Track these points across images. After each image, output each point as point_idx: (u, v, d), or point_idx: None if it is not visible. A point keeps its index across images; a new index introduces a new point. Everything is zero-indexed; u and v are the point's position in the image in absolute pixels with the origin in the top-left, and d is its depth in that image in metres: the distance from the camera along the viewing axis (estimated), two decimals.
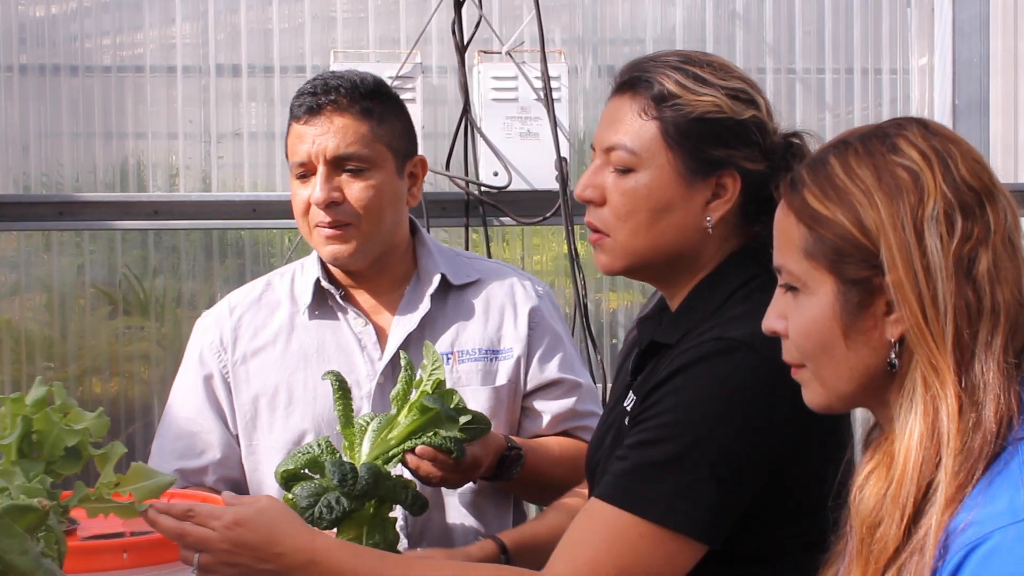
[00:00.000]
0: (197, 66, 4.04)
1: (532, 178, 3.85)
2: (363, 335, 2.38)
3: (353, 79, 2.33)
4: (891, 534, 1.35)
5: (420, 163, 2.43)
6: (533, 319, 2.42)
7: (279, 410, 2.37)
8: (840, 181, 1.42)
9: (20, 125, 3.97)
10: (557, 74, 3.84)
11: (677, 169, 1.78)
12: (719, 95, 1.78)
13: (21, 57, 3.97)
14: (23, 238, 4.03)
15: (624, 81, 1.83)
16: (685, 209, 1.79)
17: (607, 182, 1.81)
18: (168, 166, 4.08)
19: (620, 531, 1.67)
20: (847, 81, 4.29)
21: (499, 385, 2.38)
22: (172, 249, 4.09)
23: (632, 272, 1.86)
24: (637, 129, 1.78)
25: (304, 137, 2.29)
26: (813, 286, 1.43)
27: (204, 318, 2.49)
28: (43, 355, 4.05)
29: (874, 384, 1.43)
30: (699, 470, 1.66)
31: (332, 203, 2.28)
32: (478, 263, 2.52)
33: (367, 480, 1.97)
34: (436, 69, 4.03)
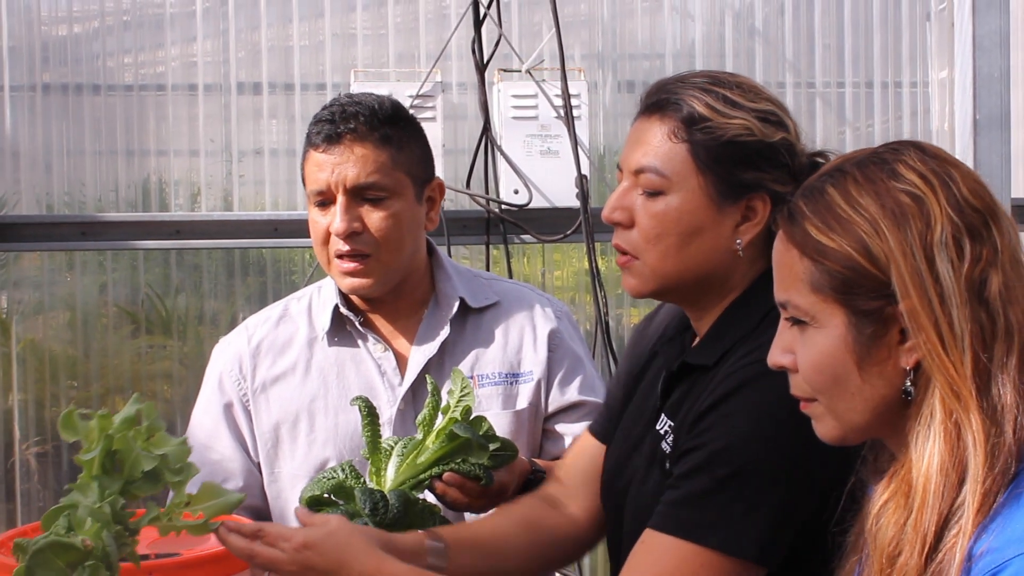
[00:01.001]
0: (218, 84, 4.04)
1: (552, 195, 3.84)
2: (383, 361, 2.36)
3: (371, 105, 2.28)
4: (912, 564, 1.33)
5: (438, 187, 2.39)
6: (552, 341, 2.39)
7: (300, 437, 2.34)
8: (842, 211, 1.39)
9: (43, 144, 3.98)
10: (577, 91, 3.82)
11: (707, 192, 1.76)
12: (749, 118, 1.75)
13: (44, 76, 3.98)
14: (47, 258, 4.04)
15: (652, 103, 1.81)
16: (715, 232, 1.77)
17: (635, 204, 1.79)
18: (190, 184, 4.08)
19: (682, 561, 1.65)
20: (867, 95, 4.26)
21: (520, 409, 2.35)
22: (194, 268, 4.09)
23: (660, 295, 1.85)
24: (667, 152, 1.76)
25: (323, 165, 2.25)
26: (823, 319, 1.40)
27: (222, 344, 2.46)
28: (67, 374, 4.06)
29: (888, 414, 1.40)
30: (755, 493, 1.65)
31: (353, 233, 2.25)
32: (496, 284, 2.49)
33: (397, 508, 1.95)
34: (456, 87, 4.02)
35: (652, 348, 2.00)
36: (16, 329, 4.02)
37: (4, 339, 4.01)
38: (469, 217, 3.93)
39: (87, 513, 1.52)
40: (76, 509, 1.54)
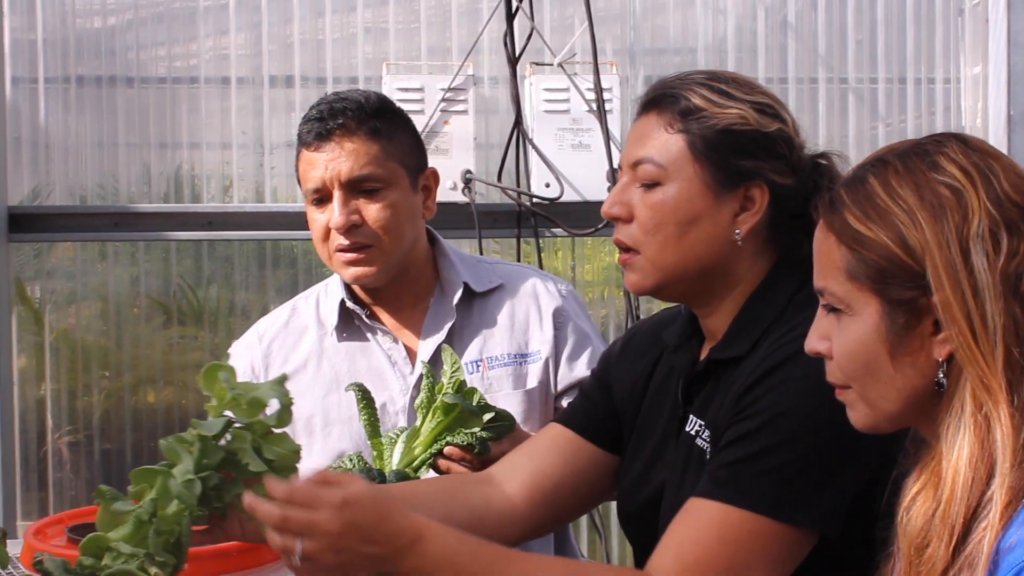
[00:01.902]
0: (251, 77, 4.03)
1: (583, 189, 3.82)
2: (392, 352, 2.37)
3: (358, 99, 2.31)
4: (939, 555, 1.32)
5: (432, 175, 2.41)
6: (558, 319, 2.41)
7: (316, 433, 2.36)
8: (881, 201, 1.39)
9: (76, 136, 3.98)
10: (609, 85, 3.80)
11: (704, 181, 1.75)
12: (745, 108, 1.76)
13: (77, 68, 3.98)
14: (79, 248, 4.04)
15: (650, 99, 1.81)
16: (713, 221, 1.76)
17: (633, 198, 1.78)
18: (222, 176, 4.07)
19: (729, 527, 1.63)
20: (900, 91, 4.21)
21: (530, 388, 2.37)
22: (225, 259, 4.09)
23: (663, 289, 1.82)
24: (663, 143, 1.76)
25: (316, 163, 2.28)
26: (857, 307, 1.40)
27: (234, 348, 2.48)
28: (99, 364, 4.06)
29: (921, 404, 1.40)
30: (804, 460, 1.63)
31: (352, 226, 2.27)
32: (499, 267, 2.51)
33: (394, 479, 1.98)
34: (488, 80, 4.00)
35: (651, 361, 1.97)
36: (49, 319, 4.03)
37: (37, 329, 4.02)
38: (500, 211, 3.91)
39: (176, 490, 1.49)
40: (170, 477, 1.51)
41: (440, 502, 1.92)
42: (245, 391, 1.61)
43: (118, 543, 1.47)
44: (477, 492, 1.97)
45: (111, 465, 4.01)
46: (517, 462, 2.00)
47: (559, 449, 1.99)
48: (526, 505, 1.97)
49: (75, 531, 1.84)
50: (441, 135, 3.75)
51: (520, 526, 1.97)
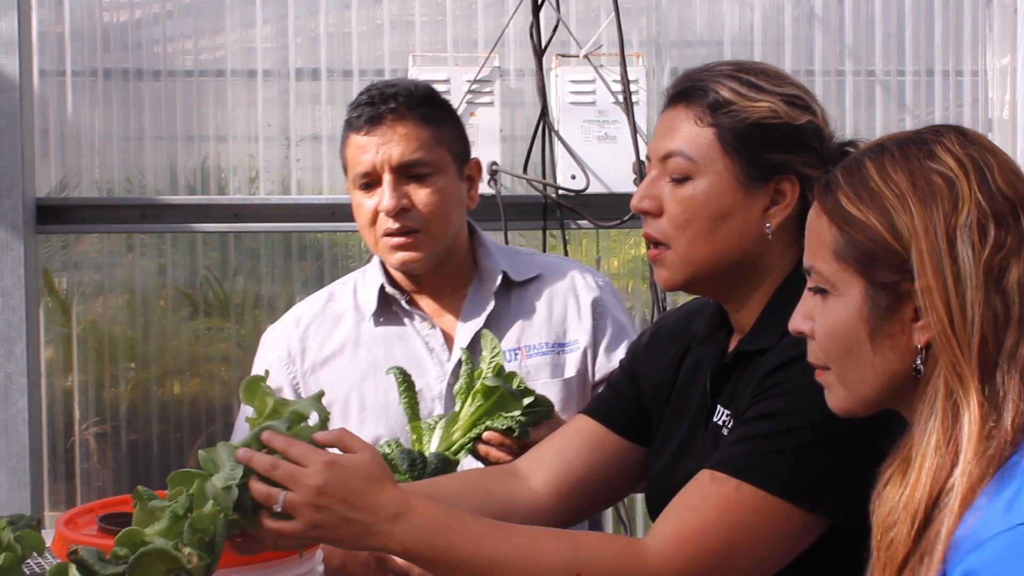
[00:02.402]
0: (277, 70, 4.02)
1: (609, 181, 3.80)
2: (430, 338, 2.36)
3: (408, 87, 2.32)
4: (901, 539, 1.33)
5: (475, 166, 2.43)
6: (596, 310, 2.40)
7: (352, 417, 2.35)
8: (875, 184, 1.39)
9: (103, 129, 3.98)
10: (635, 77, 3.78)
11: (735, 175, 1.74)
12: (775, 101, 1.74)
13: (104, 61, 3.98)
14: (106, 240, 4.04)
15: (678, 92, 1.80)
16: (744, 216, 1.75)
17: (663, 192, 1.77)
18: (248, 169, 4.07)
19: (734, 502, 1.62)
20: (927, 83, 4.18)
21: (568, 377, 2.36)
22: (251, 251, 4.08)
23: (694, 285, 1.81)
24: (694, 136, 1.75)
25: (367, 147, 2.28)
26: (842, 288, 1.41)
27: (269, 333, 2.48)
28: (125, 355, 4.06)
29: (899, 388, 1.40)
30: (822, 445, 1.62)
31: (402, 210, 2.27)
32: (537, 258, 2.51)
33: (435, 465, 1.98)
34: (514, 72, 3.98)
35: (679, 352, 1.96)
36: (76, 310, 4.03)
37: (65, 320, 4.02)
38: (526, 203, 3.89)
39: (212, 493, 1.50)
40: (207, 480, 1.52)
41: (465, 498, 1.91)
42: (287, 404, 1.62)
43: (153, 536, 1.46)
44: (502, 486, 1.96)
45: (138, 456, 4.01)
46: (543, 455, 1.99)
47: (585, 441, 1.98)
48: (552, 498, 1.95)
49: (106, 520, 1.83)
50: (467, 127, 3.70)
51: (546, 519, 1.95)
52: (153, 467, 3.97)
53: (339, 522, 1.55)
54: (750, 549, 1.63)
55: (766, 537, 1.62)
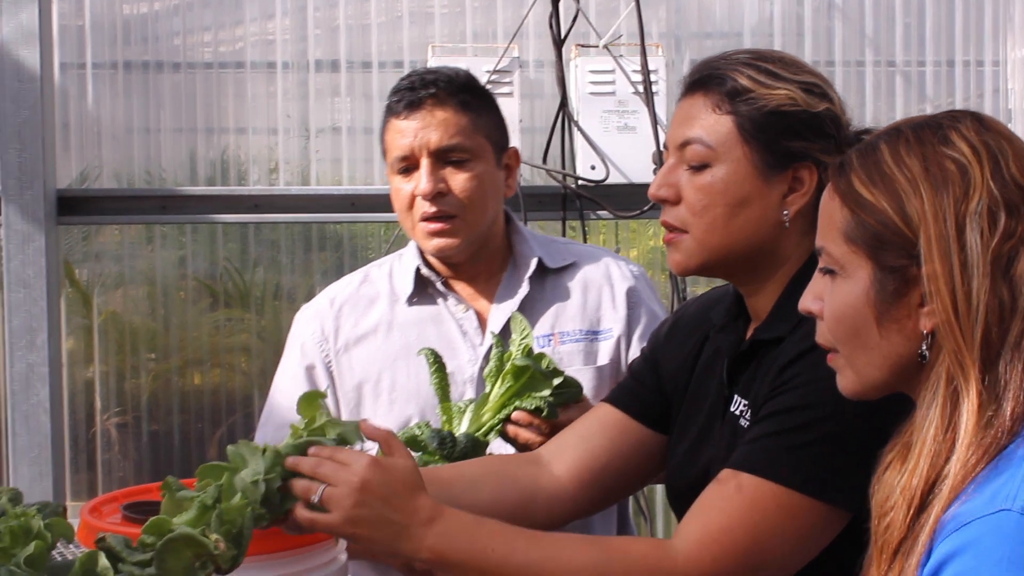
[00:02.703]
0: (296, 62, 4.02)
1: (629, 171, 3.79)
2: (464, 321, 2.37)
3: (448, 73, 2.34)
4: (897, 524, 1.33)
5: (514, 154, 2.43)
6: (631, 299, 2.40)
7: (383, 396, 2.35)
8: (887, 168, 1.39)
9: (123, 121, 3.98)
10: (655, 67, 3.76)
11: (753, 163, 1.73)
12: (793, 88, 1.73)
13: (124, 54, 3.98)
14: (127, 231, 4.04)
15: (695, 80, 1.79)
16: (762, 203, 1.75)
17: (681, 180, 1.76)
18: (267, 161, 4.06)
19: (757, 499, 1.62)
20: (947, 73, 4.15)
21: (601, 365, 2.36)
22: (272, 242, 4.08)
23: (708, 269, 1.80)
24: (712, 124, 1.74)
25: (406, 132, 2.29)
26: (851, 270, 1.41)
27: (304, 311, 2.48)
28: (146, 346, 4.06)
29: (906, 373, 1.40)
30: (841, 438, 1.61)
31: (438, 194, 2.27)
32: (573, 247, 2.52)
33: (465, 445, 1.98)
34: (533, 63, 3.97)
35: (698, 341, 1.95)
36: (97, 301, 4.03)
37: (86, 311, 4.02)
38: (545, 193, 3.88)
39: (240, 486, 1.51)
40: (234, 475, 1.53)
41: (489, 482, 1.91)
42: (335, 425, 1.64)
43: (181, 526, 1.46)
44: (525, 472, 1.95)
45: (159, 446, 4.01)
46: (566, 442, 1.98)
47: (608, 429, 1.98)
48: (575, 485, 1.95)
49: (130, 509, 1.83)
50: None
51: (569, 506, 1.96)
52: (174, 457, 3.97)
53: (376, 520, 1.58)
54: (776, 545, 1.62)
55: (791, 532, 1.62)
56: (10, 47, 3.70)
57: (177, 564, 1.37)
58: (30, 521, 1.25)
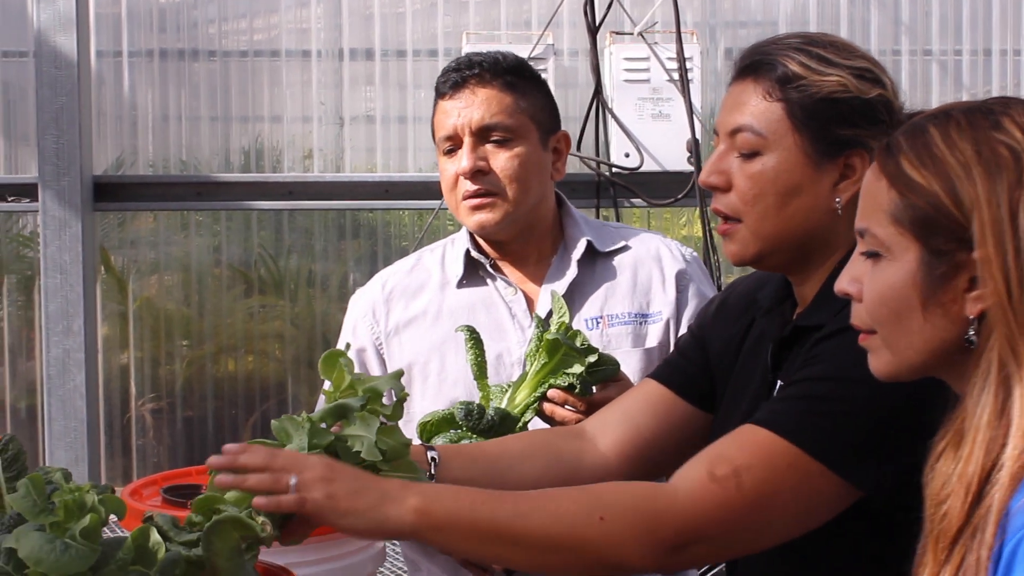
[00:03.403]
0: (330, 50, 4.00)
1: (663, 159, 3.75)
2: (513, 303, 2.35)
3: (495, 56, 2.33)
4: (955, 513, 1.29)
5: (563, 138, 2.40)
6: (681, 282, 2.37)
7: (431, 377, 2.34)
8: (938, 151, 1.35)
9: (159, 108, 3.98)
10: (690, 55, 3.72)
11: (804, 150, 1.69)
12: (845, 75, 1.69)
13: (160, 42, 3.97)
14: (162, 218, 4.03)
15: (746, 65, 1.74)
16: (813, 191, 1.70)
17: (732, 167, 1.72)
18: (302, 149, 4.05)
19: (772, 454, 1.58)
20: (984, 62, 4.10)
21: (649, 347, 2.33)
22: (305, 230, 4.06)
23: (763, 259, 1.76)
24: (763, 111, 1.69)
25: (450, 112, 2.29)
26: (897, 252, 1.37)
27: (357, 294, 2.48)
28: (180, 333, 4.05)
29: (947, 357, 1.36)
30: (866, 416, 1.57)
31: (478, 172, 2.26)
32: (624, 230, 2.49)
33: (493, 417, 1.97)
34: (567, 50, 3.94)
35: (745, 322, 1.92)
36: (132, 287, 4.02)
37: (121, 298, 4.02)
38: (579, 180, 3.84)
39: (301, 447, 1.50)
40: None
41: (535, 457, 1.89)
42: (363, 380, 1.60)
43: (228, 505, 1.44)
44: (569, 446, 1.93)
45: (193, 432, 4.01)
46: (611, 417, 1.96)
47: (653, 406, 1.95)
48: (619, 461, 1.92)
49: (170, 492, 1.82)
50: None
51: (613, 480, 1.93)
52: (208, 443, 3.96)
53: (355, 489, 1.51)
54: (781, 503, 1.58)
55: (798, 493, 1.58)
56: (47, 34, 3.70)
57: (224, 546, 1.35)
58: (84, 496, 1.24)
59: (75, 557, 1.19)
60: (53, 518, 1.23)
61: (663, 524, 1.57)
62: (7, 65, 4.00)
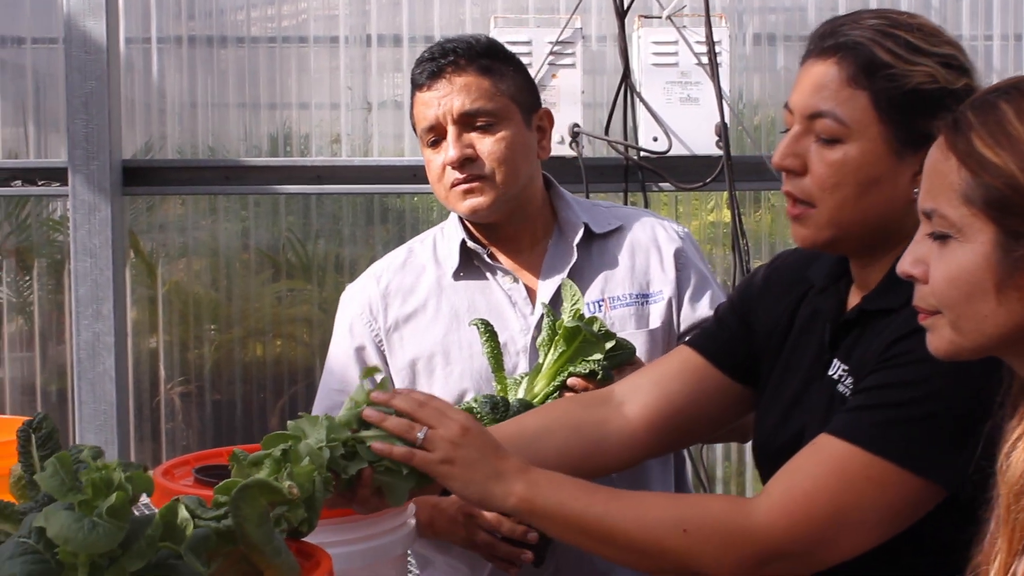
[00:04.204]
0: (358, 36, 3.96)
1: (691, 143, 3.70)
2: (513, 292, 2.32)
3: (468, 40, 2.30)
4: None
5: (546, 115, 2.37)
6: (679, 260, 2.35)
7: (437, 371, 2.31)
8: (1012, 128, 1.30)
9: (188, 95, 3.95)
10: (719, 38, 3.67)
11: (888, 142, 1.64)
12: (933, 64, 1.63)
13: (188, 28, 3.94)
14: (190, 202, 4.01)
15: (829, 45, 1.67)
16: (893, 182, 1.65)
17: (810, 151, 1.67)
18: (329, 135, 4.02)
19: (848, 468, 1.56)
20: (1016, 47, 4.04)
21: (653, 328, 2.31)
22: (333, 214, 4.03)
23: (835, 245, 1.72)
24: (846, 99, 1.64)
25: (429, 102, 2.26)
26: (969, 234, 1.32)
27: (349, 291, 2.44)
28: (209, 317, 4.03)
29: (1017, 340, 1.32)
30: (947, 415, 1.54)
31: (466, 160, 2.23)
32: (616, 210, 2.47)
33: (517, 408, 1.96)
34: (595, 34, 3.89)
35: (795, 298, 1.87)
36: (161, 271, 4.00)
37: (150, 282, 4.00)
38: (607, 165, 3.80)
39: (306, 451, 1.51)
40: (299, 442, 1.53)
41: (552, 433, 1.88)
42: None
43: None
44: (592, 416, 1.91)
45: (221, 416, 3.99)
46: (642, 384, 1.93)
47: (687, 374, 1.92)
48: (646, 429, 1.90)
49: (202, 472, 1.80)
50: (549, 89, 3.65)
51: (638, 449, 1.92)
52: (237, 427, 3.95)
53: (473, 461, 1.62)
54: (859, 515, 1.57)
55: (877, 503, 1.56)
56: (77, 18, 3.67)
57: (252, 511, 1.33)
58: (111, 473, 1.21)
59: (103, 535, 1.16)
60: (81, 496, 1.21)
61: (744, 542, 1.58)
62: (36, 52, 3.97)
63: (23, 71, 4.01)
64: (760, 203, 4.12)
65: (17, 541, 1.19)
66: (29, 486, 1.52)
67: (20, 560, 1.17)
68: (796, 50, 4.03)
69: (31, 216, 4.05)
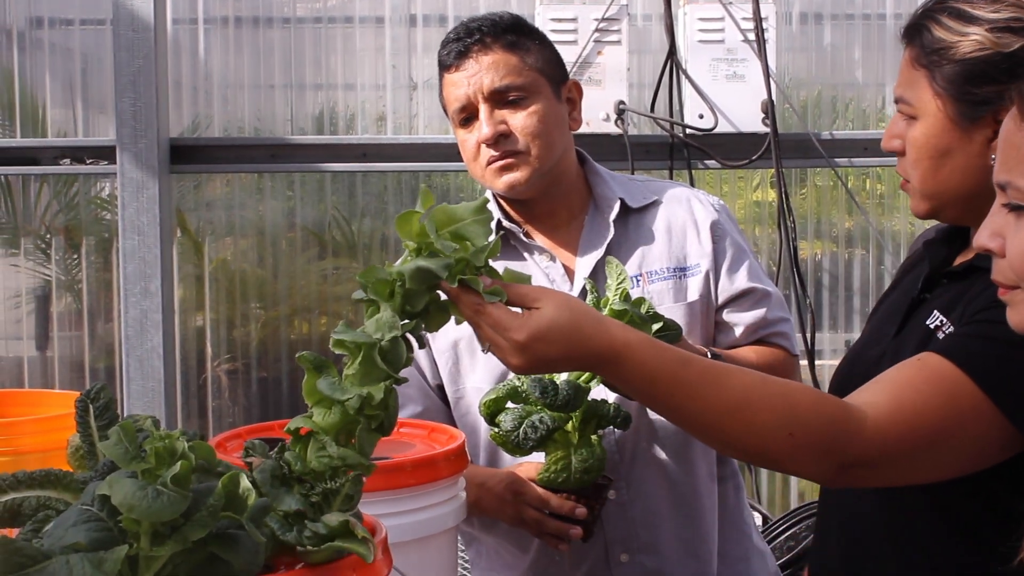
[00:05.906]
0: (402, 16, 3.93)
1: (737, 120, 3.64)
2: (550, 270, 2.28)
3: (492, 18, 2.26)
4: None
5: (575, 86, 2.33)
6: (716, 233, 2.31)
7: (478, 352, 2.24)
8: None
9: (234, 75, 3.93)
10: (765, 15, 3.60)
11: (948, 115, 1.68)
12: (983, 31, 1.64)
13: (235, 9, 3.92)
14: (236, 180, 3.98)
15: (904, 32, 1.75)
16: (965, 151, 1.69)
17: (904, 132, 1.75)
18: (374, 114, 3.98)
19: (956, 394, 1.52)
20: None
21: (691, 301, 2.27)
22: (378, 192, 4.00)
23: (936, 214, 1.77)
24: (911, 80, 1.72)
25: (459, 82, 2.22)
26: None
27: None
28: (255, 294, 4.00)
29: None
30: None
31: (500, 136, 2.19)
32: (652, 184, 2.42)
33: (567, 391, 1.92)
34: (641, 11, 3.84)
35: (915, 255, 1.92)
36: (207, 249, 3.98)
37: (197, 259, 3.97)
38: (653, 142, 3.75)
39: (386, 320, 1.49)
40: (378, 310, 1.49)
41: None
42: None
43: (326, 439, 1.38)
44: None
45: (268, 393, 3.97)
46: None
47: None
48: None
49: None
50: (594, 66, 3.59)
51: None
52: (283, 404, 3.93)
53: (550, 362, 1.52)
54: (955, 443, 1.54)
55: (972, 436, 1.54)
56: None
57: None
58: (174, 443, 1.18)
59: (167, 503, 1.13)
60: (145, 465, 1.17)
61: (846, 449, 1.53)
62: (85, 33, 3.96)
63: (71, 53, 4.00)
64: (806, 181, 4.05)
65: (80, 508, 1.16)
66: (88, 456, 1.49)
67: (84, 527, 1.13)
68: (843, 28, 3.97)
69: (79, 195, 4.04)
